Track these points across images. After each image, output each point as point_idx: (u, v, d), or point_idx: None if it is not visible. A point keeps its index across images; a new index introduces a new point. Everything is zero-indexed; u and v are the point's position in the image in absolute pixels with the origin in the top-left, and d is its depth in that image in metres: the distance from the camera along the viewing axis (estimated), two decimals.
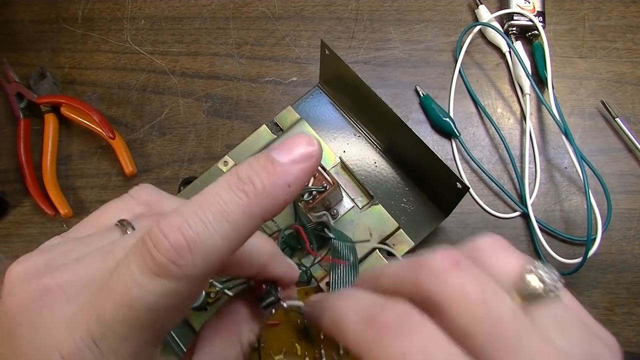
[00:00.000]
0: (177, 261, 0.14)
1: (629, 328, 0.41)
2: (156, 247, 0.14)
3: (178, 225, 0.15)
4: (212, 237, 0.15)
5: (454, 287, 0.15)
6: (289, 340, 0.35)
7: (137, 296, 0.14)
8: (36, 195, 0.43)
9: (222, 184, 0.16)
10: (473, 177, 0.44)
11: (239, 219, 0.15)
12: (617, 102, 0.46)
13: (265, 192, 0.16)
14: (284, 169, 0.16)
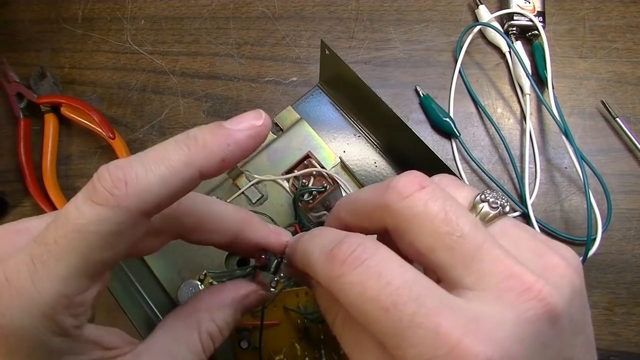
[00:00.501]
0: (112, 191, 0.16)
1: (629, 328, 0.41)
2: (99, 179, 0.16)
3: (121, 164, 0.17)
4: (149, 178, 0.16)
5: (418, 207, 0.16)
6: (289, 340, 0.35)
7: (73, 217, 0.16)
8: (36, 195, 0.43)
9: (171, 139, 0.18)
10: (473, 177, 0.44)
11: (176, 164, 0.17)
12: (617, 102, 0.46)
13: (205, 146, 0.18)
14: (227, 132, 0.18)
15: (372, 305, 0.15)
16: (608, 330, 0.41)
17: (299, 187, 0.34)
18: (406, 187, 0.17)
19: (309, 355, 0.34)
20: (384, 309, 0.15)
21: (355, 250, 0.16)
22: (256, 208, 0.39)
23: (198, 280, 0.36)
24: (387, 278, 0.15)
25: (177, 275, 0.37)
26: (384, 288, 0.15)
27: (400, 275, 0.15)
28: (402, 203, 0.17)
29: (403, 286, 0.15)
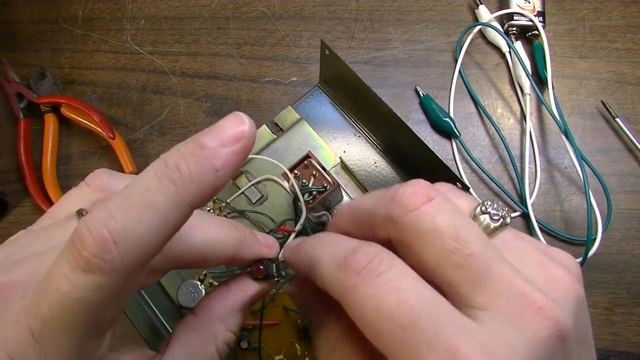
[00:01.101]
0: (102, 256, 0.14)
1: (629, 328, 0.41)
2: (82, 243, 0.14)
3: (102, 219, 0.14)
4: (138, 229, 0.15)
5: (425, 222, 0.16)
6: (289, 340, 0.35)
7: (67, 291, 0.14)
8: (36, 195, 0.43)
9: (149, 172, 0.15)
10: (473, 177, 0.44)
11: (166, 207, 0.15)
12: (617, 102, 0.46)
13: (192, 178, 0.15)
14: (212, 153, 0.15)
15: (389, 322, 0.14)
16: (608, 330, 0.41)
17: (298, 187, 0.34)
18: (412, 199, 0.16)
19: (309, 355, 0.35)
20: (401, 327, 0.14)
21: (371, 262, 0.15)
22: (256, 208, 0.39)
23: (198, 280, 0.36)
24: (406, 294, 0.15)
25: (177, 275, 0.37)
26: (402, 305, 0.14)
27: (419, 293, 0.15)
28: (408, 217, 0.16)
29: (421, 304, 0.14)
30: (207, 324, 0.22)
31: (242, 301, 0.23)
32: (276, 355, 0.34)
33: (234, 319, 0.22)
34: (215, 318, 0.22)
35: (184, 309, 0.36)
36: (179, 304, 0.36)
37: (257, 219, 0.38)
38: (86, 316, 0.15)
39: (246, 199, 0.39)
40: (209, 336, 0.21)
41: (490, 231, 0.17)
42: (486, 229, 0.17)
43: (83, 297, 0.14)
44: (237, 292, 0.23)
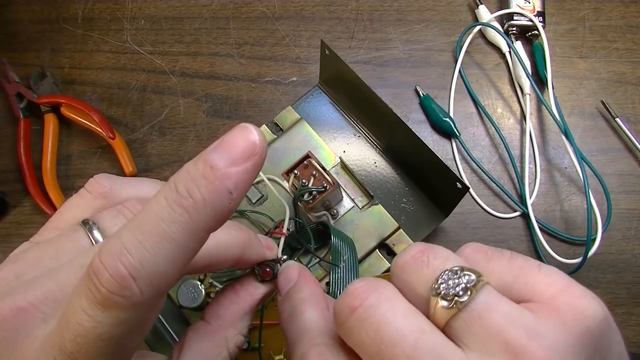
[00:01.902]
0: (121, 292, 0.14)
1: (629, 328, 0.41)
2: (99, 279, 0.14)
3: (117, 254, 0.14)
4: (155, 261, 0.14)
5: (352, 336, 0.15)
6: None
7: (90, 327, 0.14)
8: (36, 195, 0.43)
9: (160, 200, 0.15)
10: (473, 177, 0.44)
11: (181, 237, 0.14)
12: (617, 102, 0.46)
13: (205, 204, 0.15)
14: (223, 174, 0.15)
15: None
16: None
17: (298, 187, 0.34)
18: (341, 310, 0.15)
19: None
20: None
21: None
22: (256, 208, 0.39)
23: (198, 281, 0.36)
24: None
25: None
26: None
27: None
28: (340, 330, 0.16)
29: None
30: (219, 330, 0.22)
31: (251, 304, 0.23)
32: (276, 355, 0.34)
33: (243, 322, 0.22)
34: (227, 324, 0.22)
35: (184, 309, 0.36)
36: (179, 304, 0.36)
37: (257, 219, 0.38)
38: (110, 348, 0.15)
39: (246, 199, 0.39)
40: (221, 342, 0.21)
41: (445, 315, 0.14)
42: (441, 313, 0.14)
43: (105, 333, 0.14)
44: (245, 296, 0.23)
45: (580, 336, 0.14)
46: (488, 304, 0.14)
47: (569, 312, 0.14)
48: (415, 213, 0.40)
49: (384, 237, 0.38)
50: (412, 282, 0.16)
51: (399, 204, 0.40)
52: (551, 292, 0.14)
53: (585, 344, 0.14)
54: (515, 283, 0.15)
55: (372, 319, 0.14)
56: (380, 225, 0.38)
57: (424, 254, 0.16)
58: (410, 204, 0.40)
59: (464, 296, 0.14)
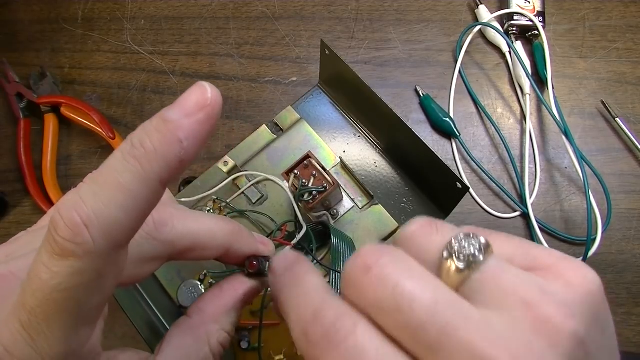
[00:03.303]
0: (74, 239, 0.14)
1: (629, 328, 0.41)
2: (56, 229, 0.14)
3: (73, 204, 0.14)
4: (109, 211, 0.15)
5: (367, 297, 0.15)
6: (289, 340, 0.35)
7: (47, 279, 0.15)
8: (36, 195, 0.43)
9: (116, 154, 0.15)
10: (473, 177, 0.44)
11: (134, 187, 0.15)
12: (617, 102, 0.46)
13: (156, 153, 0.15)
14: (175, 125, 0.16)
15: None
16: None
17: (298, 187, 0.34)
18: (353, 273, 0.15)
19: None
20: None
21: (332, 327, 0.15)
22: (256, 208, 0.39)
23: (198, 280, 0.36)
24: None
25: (177, 275, 0.37)
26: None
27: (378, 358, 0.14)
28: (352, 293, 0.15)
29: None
30: (200, 324, 0.21)
31: (235, 300, 0.23)
32: (276, 355, 0.34)
33: (227, 318, 0.22)
34: (208, 318, 0.22)
35: (184, 309, 0.36)
36: (179, 304, 0.36)
37: (257, 219, 0.38)
38: (68, 302, 0.15)
39: (246, 199, 0.39)
40: (202, 337, 0.21)
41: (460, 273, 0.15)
42: (457, 272, 0.15)
43: (61, 283, 0.15)
44: (229, 291, 0.23)
45: (586, 296, 0.14)
46: (500, 266, 0.15)
47: (572, 276, 0.15)
48: (415, 213, 0.40)
49: (384, 237, 0.38)
50: (422, 247, 0.16)
51: (399, 204, 0.40)
52: (552, 261, 0.15)
53: (590, 304, 0.14)
54: (516, 255, 0.16)
55: (390, 276, 0.14)
56: (380, 225, 0.38)
57: (431, 224, 0.17)
58: (410, 204, 0.40)
59: (480, 256, 0.15)
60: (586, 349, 0.14)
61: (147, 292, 0.37)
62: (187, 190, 0.40)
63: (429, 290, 0.14)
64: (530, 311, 0.14)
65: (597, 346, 0.14)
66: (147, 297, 0.37)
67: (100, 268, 0.15)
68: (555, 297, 0.14)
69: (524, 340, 0.13)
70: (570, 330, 0.14)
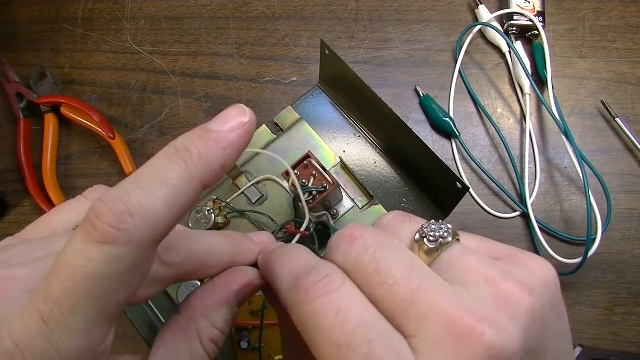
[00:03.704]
0: (118, 225, 0.14)
1: (629, 328, 0.41)
2: (98, 216, 0.14)
3: (118, 194, 0.15)
4: (152, 202, 0.15)
5: (351, 262, 0.17)
6: None
7: (81, 265, 0.14)
8: (36, 195, 0.43)
9: (159, 155, 0.16)
10: (473, 177, 0.44)
11: (178, 183, 0.16)
12: (617, 102, 0.46)
13: (201, 157, 0.16)
14: (218, 136, 0.17)
15: (326, 341, 0.15)
16: (608, 330, 0.41)
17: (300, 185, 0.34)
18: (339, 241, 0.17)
19: None
20: (336, 346, 0.15)
21: (320, 281, 0.16)
22: (256, 208, 0.39)
23: (198, 281, 0.36)
24: (345, 315, 0.15)
25: None
26: (340, 325, 0.15)
27: (359, 315, 0.15)
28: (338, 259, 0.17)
29: (359, 326, 0.15)
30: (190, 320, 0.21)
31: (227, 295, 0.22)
32: (276, 355, 0.34)
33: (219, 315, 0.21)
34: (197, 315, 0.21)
35: None
36: (179, 304, 0.36)
37: (257, 219, 0.38)
38: (98, 292, 0.15)
39: (246, 199, 0.39)
40: (192, 333, 0.21)
41: (431, 254, 0.17)
42: (427, 253, 0.17)
43: (98, 269, 0.14)
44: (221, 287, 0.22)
45: (544, 281, 0.16)
46: (465, 248, 0.17)
47: (532, 265, 0.17)
48: (415, 213, 0.39)
49: None
50: (396, 234, 0.18)
51: (399, 204, 0.40)
52: (510, 252, 0.17)
53: (548, 289, 0.16)
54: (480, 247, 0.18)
55: (373, 245, 0.17)
56: None
57: (405, 214, 0.19)
58: (410, 204, 0.40)
59: (448, 237, 0.17)
60: (543, 325, 0.15)
61: None
62: None
63: (405, 260, 0.16)
64: (493, 287, 0.15)
65: (553, 329, 0.16)
66: None
67: (136, 260, 0.15)
68: (516, 278, 0.16)
69: (486, 311, 0.15)
70: (528, 305, 0.15)
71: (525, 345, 0.15)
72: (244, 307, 0.34)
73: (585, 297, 0.41)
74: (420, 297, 0.15)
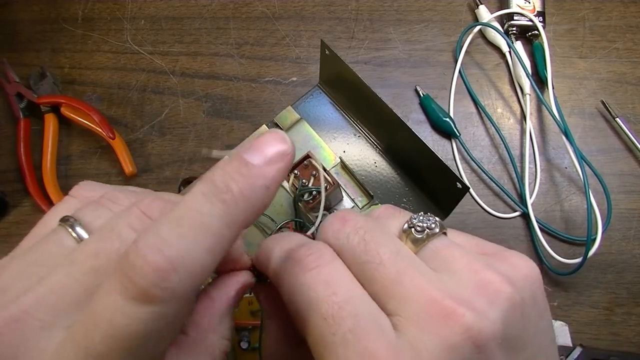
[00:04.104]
0: (161, 284, 0.13)
1: (629, 328, 0.41)
2: (136, 272, 0.13)
3: (157, 246, 0.14)
4: (196, 253, 0.14)
5: (342, 240, 0.17)
6: None
7: (124, 324, 0.14)
8: (36, 195, 0.43)
9: (197, 195, 0.15)
10: (473, 177, 0.44)
11: (221, 229, 0.15)
12: (617, 102, 0.46)
13: (243, 197, 0.15)
14: (260, 172, 0.16)
15: (314, 311, 0.15)
16: (608, 330, 0.41)
17: (299, 187, 0.34)
18: (332, 222, 0.18)
19: None
20: (323, 317, 0.15)
21: (311, 254, 0.17)
22: None
23: None
24: (334, 289, 0.16)
25: None
26: (328, 297, 0.15)
27: (347, 290, 0.16)
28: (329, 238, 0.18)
29: (346, 301, 0.15)
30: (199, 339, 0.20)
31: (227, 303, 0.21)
32: None
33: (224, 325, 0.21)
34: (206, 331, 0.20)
35: None
36: None
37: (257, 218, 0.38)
38: (142, 348, 0.14)
39: None
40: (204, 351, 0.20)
41: (418, 244, 0.17)
42: (414, 242, 0.18)
43: (140, 330, 0.14)
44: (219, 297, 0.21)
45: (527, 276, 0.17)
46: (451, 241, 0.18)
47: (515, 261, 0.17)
48: (416, 213, 0.39)
49: None
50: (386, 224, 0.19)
51: (399, 204, 0.40)
52: (496, 250, 0.18)
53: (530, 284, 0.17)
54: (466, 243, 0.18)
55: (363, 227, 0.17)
56: None
57: (395, 208, 0.20)
58: (410, 204, 0.40)
59: (436, 229, 0.17)
60: (523, 317, 0.16)
61: None
62: (187, 190, 0.40)
63: (393, 244, 0.17)
64: (476, 275, 0.16)
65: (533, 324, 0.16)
66: None
67: (179, 311, 0.15)
68: (499, 270, 0.16)
69: (468, 295, 0.15)
70: (509, 294, 0.16)
71: (504, 333, 0.15)
72: (244, 307, 0.34)
73: (585, 297, 0.41)
74: (404, 279, 0.16)
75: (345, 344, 0.15)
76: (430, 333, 0.15)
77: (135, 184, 0.44)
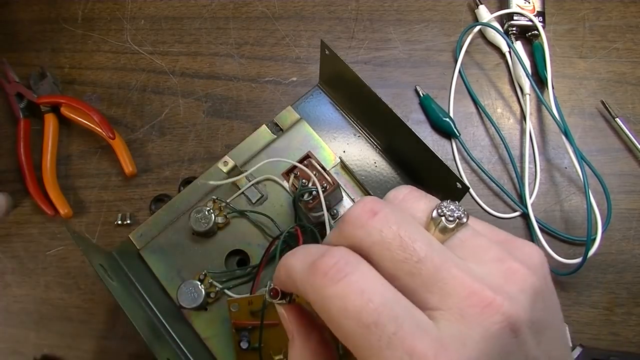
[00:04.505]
0: None
1: (629, 328, 0.41)
2: None
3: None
4: None
5: (374, 235, 0.17)
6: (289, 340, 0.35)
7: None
8: (36, 195, 0.43)
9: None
10: (473, 177, 0.44)
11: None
12: (617, 102, 0.46)
13: None
14: None
15: (353, 321, 0.15)
16: (608, 330, 0.41)
17: (299, 187, 0.34)
18: (360, 215, 0.17)
19: None
20: (364, 326, 0.15)
21: (337, 263, 0.16)
22: (256, 208, 0.39)
23: (198, 280, 0.36)
24: (369, 295, 0.16)
25: (177, 275, 0.37)
26: (366, 305, 0.15)
27: (381, 293, 0.16)
28: (358, 233, 0.17)
29: (384, 305, 0.15)
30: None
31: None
32: (276, 355, 0.34)
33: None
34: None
35: (184, 309, 0.36)
36: (179, 304, 0.36)
37: (257, 219, 0.38)
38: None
39: (246, 199, 0.39)
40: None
41: (446, 232, 0.18)
42: (442, 231, 0.18)
43: None
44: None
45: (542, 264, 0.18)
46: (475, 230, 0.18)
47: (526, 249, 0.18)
48: None
49: None
50: (411, 210, 0.19)
51: None
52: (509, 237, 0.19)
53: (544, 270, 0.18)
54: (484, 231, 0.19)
55: (395, 220, 0.17)
56: None
57: (418, 191, 0.20)
58: None
59: (464, 218, 0.18)
60: (544, 301, 0.17)
61: (147, 292, 0.37)
62: (187, 190, 0.40)
63: (425, 237, 0.17)
64: (503, 264, 0.17)
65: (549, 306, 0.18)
66: (147, 297, 0.37)
67: None
68: (520, 258, 0.17)
69: (500, 284, 0.16)
70: (534, 281, 0.17)
71: (533, 317, 0.16)
72: (244, 307, 0.34)
73: (585, 297, 0.41)
74: (443, 274, 0.16)
75: (392, 346, 0.15)
76: (473, 323, 0.15)
77: (135, 184, 0.44)
